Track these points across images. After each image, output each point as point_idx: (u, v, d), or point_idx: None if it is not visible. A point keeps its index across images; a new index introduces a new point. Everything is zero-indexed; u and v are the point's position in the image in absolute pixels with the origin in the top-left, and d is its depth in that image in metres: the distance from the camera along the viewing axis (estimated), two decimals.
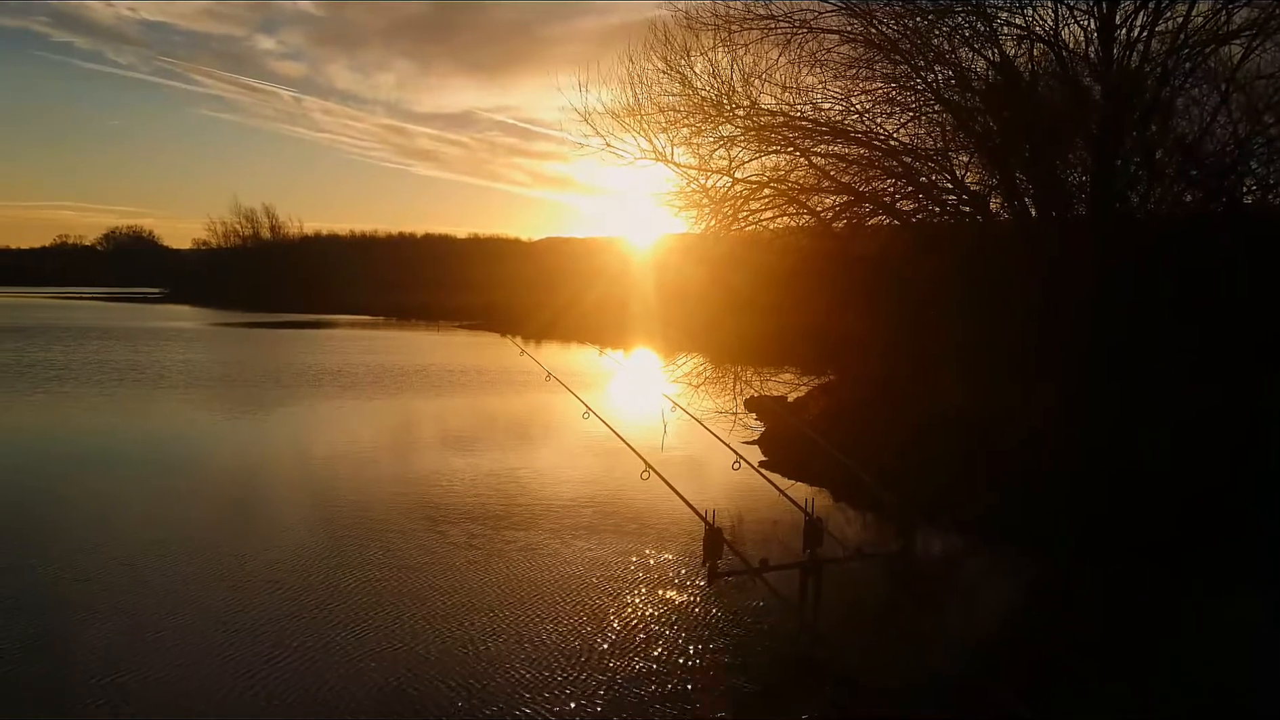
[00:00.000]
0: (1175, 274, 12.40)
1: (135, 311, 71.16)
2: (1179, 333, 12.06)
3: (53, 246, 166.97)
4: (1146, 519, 10.18)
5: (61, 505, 11.89)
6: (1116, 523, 10.29)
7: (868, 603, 7.32)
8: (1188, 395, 11.47)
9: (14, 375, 25.28)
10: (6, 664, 6.92)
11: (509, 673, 6.87)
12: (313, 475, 14.23)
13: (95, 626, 7.68)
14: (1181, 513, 10.13)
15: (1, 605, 8.08)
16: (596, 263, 45.32)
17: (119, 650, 7.18)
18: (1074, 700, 6.57)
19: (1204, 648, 7.84)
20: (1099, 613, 8.61)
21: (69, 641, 7.39)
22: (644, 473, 7.00)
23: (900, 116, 14.36)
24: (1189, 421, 11.20)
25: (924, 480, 11.25)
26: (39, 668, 6.87)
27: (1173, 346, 12.02)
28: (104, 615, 7.94)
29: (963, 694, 6.38)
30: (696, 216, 15.95)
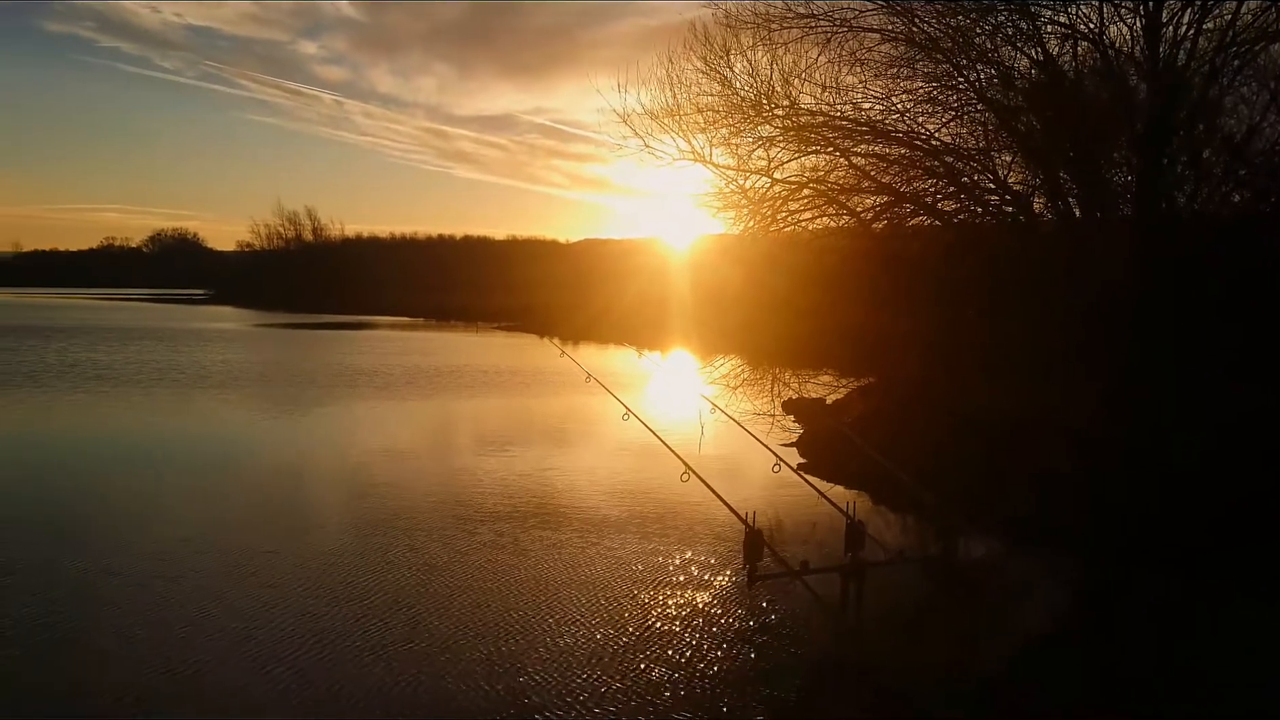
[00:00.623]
0: (1220, 274, 12.18)
1: (180, 313, 72.32)
2: (1223, 333, 11.84)
3: (100, 248, 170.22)
4: (1187, 523, 10.00)
5: (97, 502, 12.09)
6: (1158, 526, 10.12)
7: (909, 607, 7.25)
8: (1229, 397, 11.25)
9: (55, 375, 25.76)
10: (38, 658, 7.03)
11: (544, 672, 6.87)
12: (350, 475, 14.35)
13: (126, 623, 7.77)
14: (1222, 517, 9.94)
15: (36, 600, 8.21)
16: (634, 264, 45.32)
17: (150, 647, 7.25)
18: (1117, 704, 6.46)
19: (1245, 654, 7.68)
20: (1142, 617, 8.47)
21: (99, 636, 7.49)
22: (683, 474, 6.99)
23: (942, 116, 14.23)
24: (1230, 424, 10.99)
25: (964, 482, 11.14)
26: (71, 662, 6.97)
27: (1216, 347, 11.80)
28: (136, 612, 8.03)
29: (1005, 699, 6.30)
30: (735, 217, 15.92)
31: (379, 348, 41.92)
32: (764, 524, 6.11)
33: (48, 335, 41.55)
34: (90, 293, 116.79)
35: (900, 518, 11.57)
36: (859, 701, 6.20)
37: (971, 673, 6.56)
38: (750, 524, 5.91)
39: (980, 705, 6.25)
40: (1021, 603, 8.66)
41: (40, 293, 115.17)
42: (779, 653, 7.26)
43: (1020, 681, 6.57)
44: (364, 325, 61.00)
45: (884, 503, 11.84)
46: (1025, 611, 8.35)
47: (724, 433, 12.15)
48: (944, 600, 7.20)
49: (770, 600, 8.07)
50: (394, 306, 78.15)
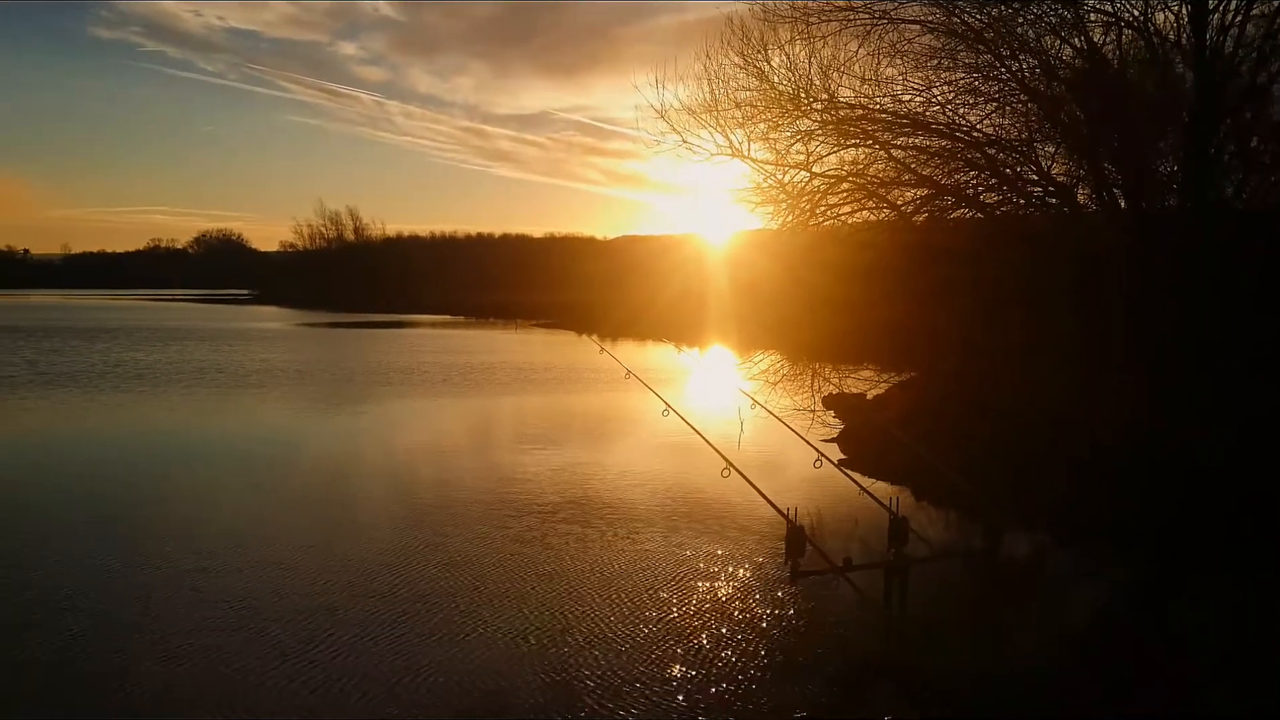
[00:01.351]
0: (1259, 265, 11.95)
1: (226, 313, 73.37)
2: (1257, 326, 11.62)
3: (147, 250, 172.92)
4: (1221, 517, 9.85)
5: (134, 501, 12.27)
6: (1194, 521, 9.97)
7: (954, 603, 7.19)
8: (1260, 391, 11.05)
9: (97, 375, 26.24)
10: (81, 652, 7.16)
11: (586, 667, 6.89)
12: (391, 472, 14.48)
13: (168, 619, 7.88)
14: (1246, 513, 9.78)
15: (77, 597, 8.36)
16: (671, 260, 45.32)
17: (189, 645, 7.35)
18: (1164, 702, 6.37)
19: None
20: (1187, 613, 8.33)
21: (137, 630, 7.61)
22: (724, 470, 6.97)
23: (984, 107, 14.09)
24: (1261, 418, 10.79)
25: (1007, 477, 11.03)
26: (110, 656, 7.09)
27: (1250, 341, 11.59)
28: (177, 608, 8.15)
29: (1051, 697, 6.23)
30: (773, 212, 15.88)
31: (419, 346, 42.24)
32: (805, 520, 6.09)
33: (93, 336, 42.34)
34: (137, 294, 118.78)
35: (943, 513, 11.46)
36: (903, 699, 6.16)
37: (1017, 670, 6.50)
38: (792, 520, 5.88)
39: (1025, 703, 6.18)
40: (1066, 599, 8.57)
41: (88, 294, 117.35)
42: (822, 649, 7.23)
43: (1066, 679, 6.49)
44: (405, 324, 61.48)
45: (926, 498, 11.74)
46: (1070, 608, 8.26)
47: (763, 428, 12.12)
48: (988, 597, 7.13)
49: (813, 596, 8.04)
50: (434, 305, 78.75)
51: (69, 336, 41.49)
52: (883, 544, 6.63)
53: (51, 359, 30.64)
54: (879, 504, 6.63)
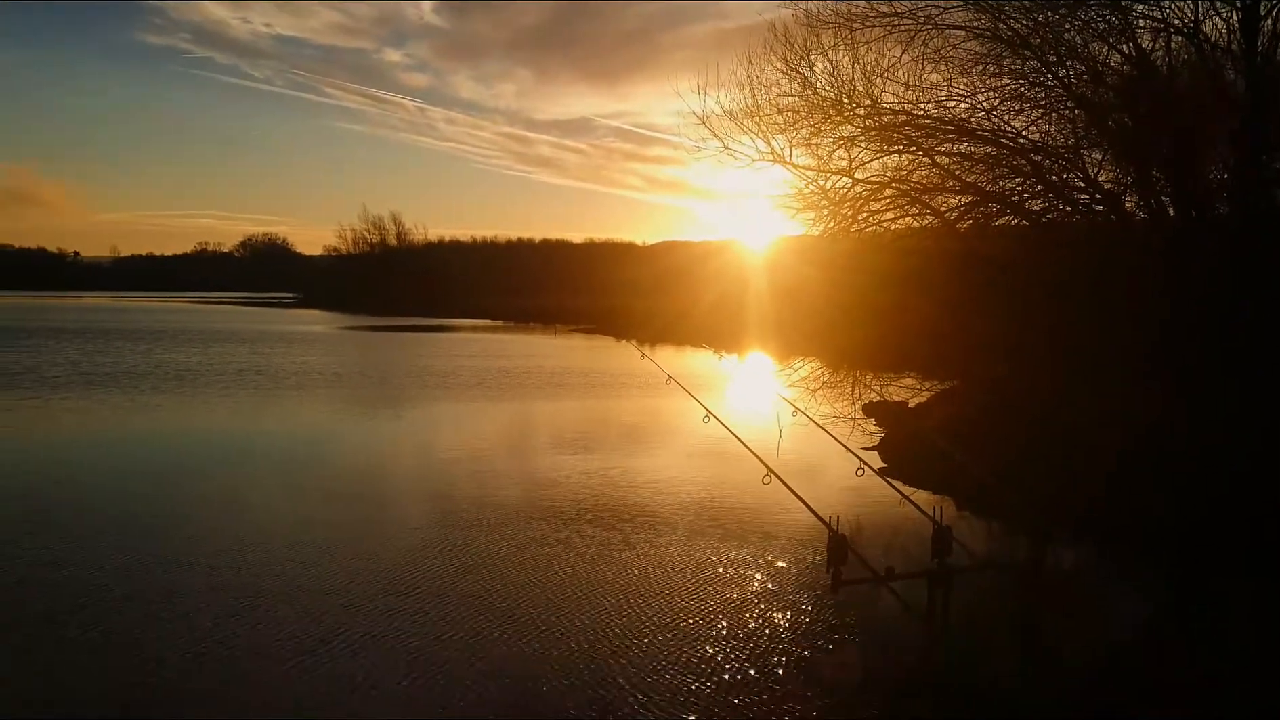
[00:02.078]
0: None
1: (270, 316, 74.35)
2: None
3: (194, 253, 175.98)
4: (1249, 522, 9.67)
5: (167, 498, 12.47)
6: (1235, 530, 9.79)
7: (997, 613, 7.12)
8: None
9: (138, 376, 26.69)
10: (115, 646, 7.28)
11: (625, 672, 6.90)
12: (428, 474, 14.60)
13: (195, 612, 7.99)
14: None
15: (113, 591, 8.51)
16: (711, 266, 45.23)
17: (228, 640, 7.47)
18: (1208, 712, 6.26)
19: None
20: (1231, 622, 8.18)
21: (164, 621, 7.75)
22: (765, 477, 6.95)
23: (1030, 113, 13.92)
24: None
25: (1051, 487, 10.90)
26: (149, 649, 7.20)
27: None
28: (203, 601, 8.28)
29: (1094, 708, 6.15)
30: (815, 218, 15.78)
31: (460, 350, 42.55)
32: (846, 528, 6.05)
33: (136, 338, 43.08)
34: (184, 296, 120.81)
35: (985, 522, 11.36)
36: (946, 709, 6.10)
37: (1059, 681, 6.42)
38: (834, 528, 5.85)
39: (1068, 715, 6.10)
40: (1108, 608, 8.46)
41: (137, 296, 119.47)
42: (864, 658, 7.19)
43: (1109, 689, 6.40)
44: (445, 328, 61.95)
45: (968, 507, 11.64)
46: (1112, 617, 8.14)
47: (803, 435, 12.07)
48: (1031, 606, 7.04)
49: (854, 605, 7.99)
50: (475, 309, 79.31)
51: (114, 338, 42.29)
52: (925, 553, 6.57)
53: (94, 360, 31.28)
54: (921, 513, 6.58)
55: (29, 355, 32.03)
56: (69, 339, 40.91)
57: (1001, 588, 7.01)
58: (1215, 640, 7.68)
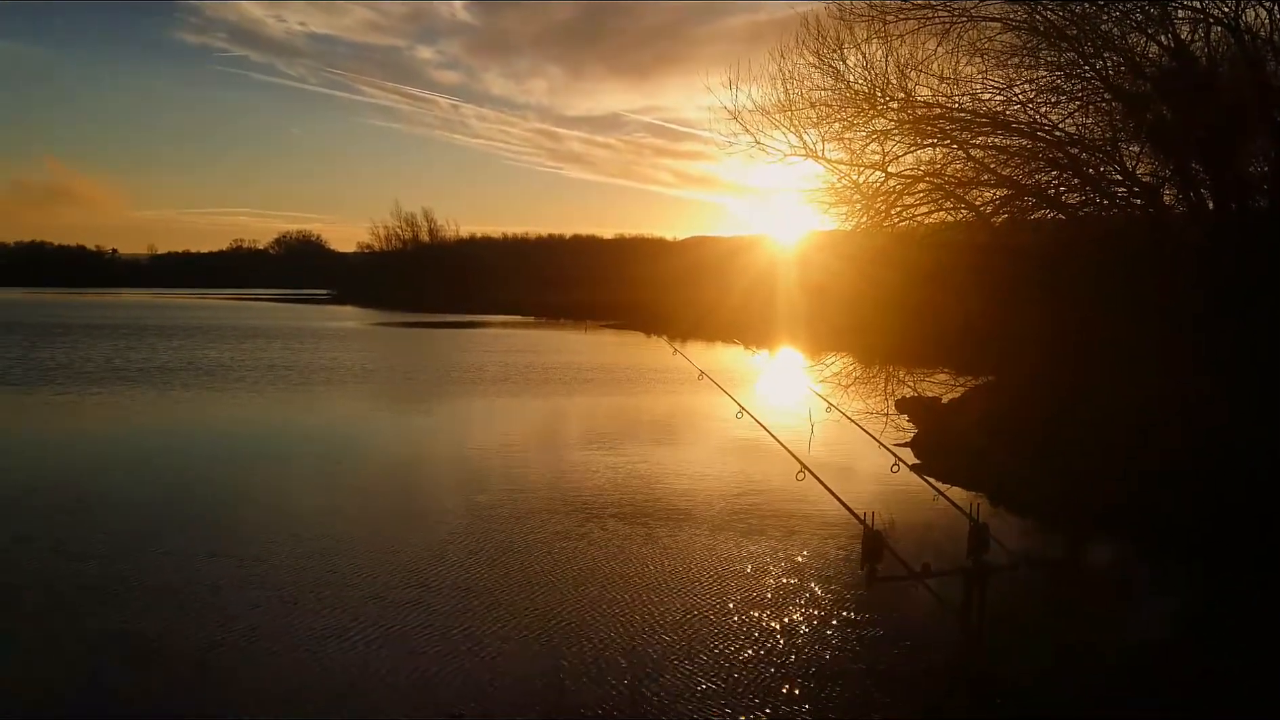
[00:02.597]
0: None
1: (305, 312, 74.98)
2: None
3: (229, 250, 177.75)
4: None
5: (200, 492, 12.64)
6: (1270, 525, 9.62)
7: (1035, 611, 7.04)
8: None
9: (170, 371, 27.01)
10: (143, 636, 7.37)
11: (659, 666, 6.90)
12: (459, 469, 14.68)
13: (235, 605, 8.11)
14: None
15: (157, 584, 8.62)
16: (741, 261, 45.12)
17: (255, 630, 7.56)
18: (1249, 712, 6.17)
19: None
20: (1273, 619, 8.05)
21: (198, 609, 7.87)
22: (799, 474, 6.89)
23: (1066, 106, 13.77)
24: None
25: (1088, 483, 10.77)
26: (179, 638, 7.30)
27: None
28: (241, 597, 8.37)
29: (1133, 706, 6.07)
30: (847, 213, 15.70)
31: (491, 345, 42.72)
32: (881, 525, 5.99)
33: (170, 334, 43.58)
34: (220, 293, 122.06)
35: (1022, 519, 11.25)
36: (983, 707, 6.04)
37: (1096, 681, 6.34)
38: (869, 525, 5.80)
39: (1107, 712, 6.03)
40: (1147, 607, 8.35)
41: (174, 293, 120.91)
42: (899, 656, 7.15)
43: (1148, 688, 6.32)
44: (477, 324, 62.22)
45: (1004, 504, 11.53)
46: (1151, 616, 8.04)
47: (834, 431, 12.02)
48: (1069, 605, 6.97)
49: (889, 603, 7.94)
50: (505, 305, 79.57)
51: (148, 335, 42.86)
52: (960, 550, 6.50)
53: (127, 355, 31.79)
54: (958, 509, 6.49)
55: (64, 351, 32.52)
56: (105, 335, 41.50)
57: (1038, 585, 6.93)
58: (1254, 637, 7.56)
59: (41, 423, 18.42)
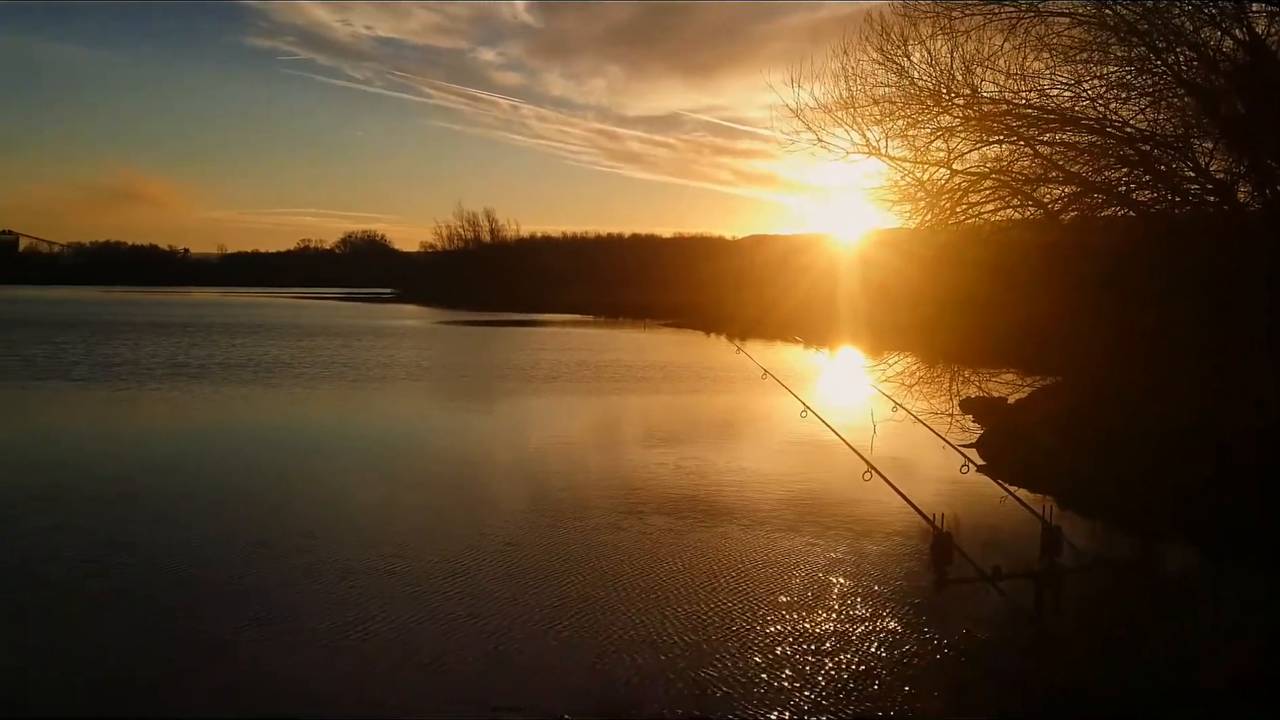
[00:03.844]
0: None
1: (369, 311, 76.20)
2: None
3: (296, 250, 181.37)
4: None
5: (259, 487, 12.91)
6: None
7: (1107, 616, 6.96)
8: None
9: (231, 368, 27.61)
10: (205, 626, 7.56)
11: (722, 667, 6.93)
12: (518, 465, 14.87)
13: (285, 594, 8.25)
14: None
15: (217, 579, 8.81)
16: (801, 260, 44.90)
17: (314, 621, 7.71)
18: None
19: None
20: None
21: (249, 598, 8.07)
22: (866, 474, 6.91)
23: (1137, 101, 13.51)
24: None
25: (1161, 486, 10.59)
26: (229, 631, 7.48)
27: None
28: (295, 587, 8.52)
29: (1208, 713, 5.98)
30: (911, 211, 15.59)
31: (550, 344, 43.03)
32: (949, 526, 5.98)
33: (234, 331, 44.59)
34: (287, 291, 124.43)
35: (1092, 522, 11.09)
36: (1054, 712, 6.01)
37: (1171, 687, 6.26)
38: (939, 526, 5.81)
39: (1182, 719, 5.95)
40: (1220, 611, 8.19)
41: (243, 291, 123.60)
42: (970, 659, 7.11)
43: (1224, 695, 6.22)
44: (537, 323, 62.66)
45: (1073, 506, 11.35)
46: (1227, 622, 7.88)
47: (897, 431, 11.94)
48: (1142, 609, 6.88)
49: (958, 605, 7.90)
50: (565, 304, 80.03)
51: (213, 332, 43.95)
52: (1030, 552, 6.47)
53: (190, 352, 32.65)
54: (1030, 511, 6.47)
55: (129, 348, 33.49)
56: (170, 333, 42.65)
57: (1111, 589, 6.85)
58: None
59: (99, 417, 19.02)
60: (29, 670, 6.82)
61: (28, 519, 10.83)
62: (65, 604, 8.15)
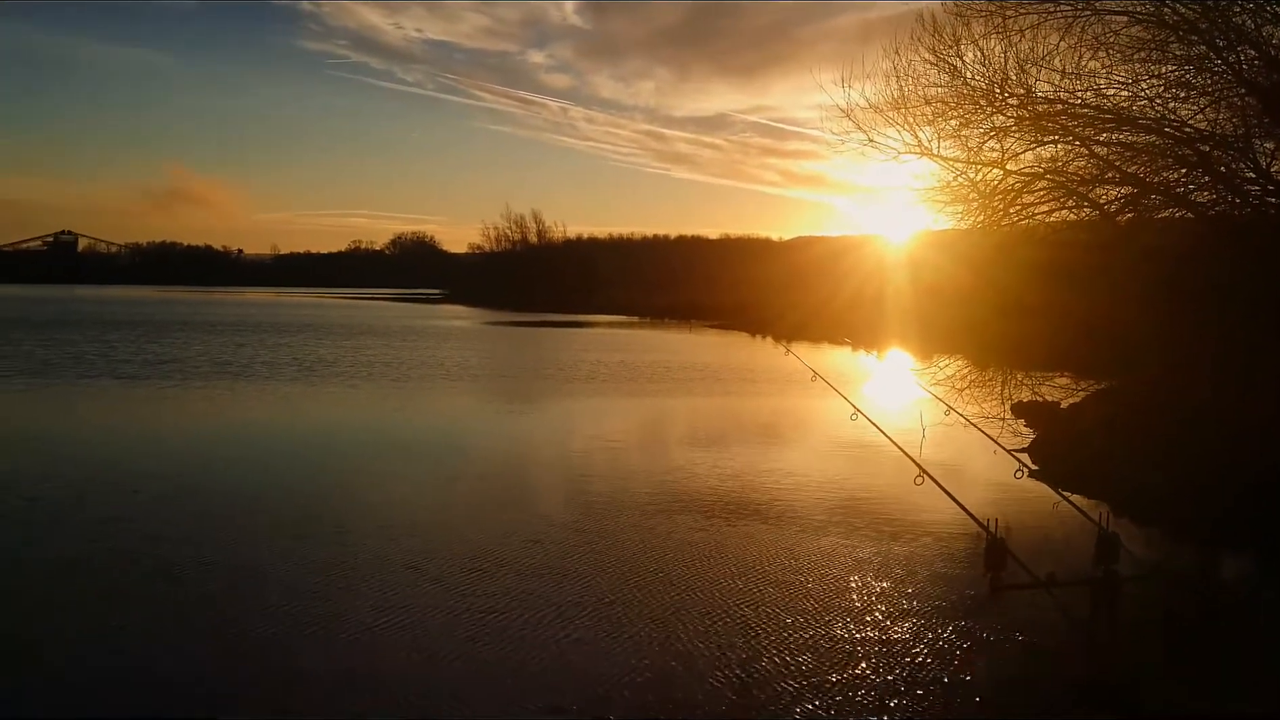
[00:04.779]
0: None
1: (416, 311, 76.97)
2: None
3: (347, 251, 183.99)
4: None
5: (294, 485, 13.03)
6: None
7: (1165, 625, 6.83)
8: None
9: (276, 367, 28.00)
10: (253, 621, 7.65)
11: (770, 671, 6.90)
12: (571, 465, 14.87)
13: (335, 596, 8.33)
14: None
15: (270, 577, 8.90)
16: (849, 261, 44.60)
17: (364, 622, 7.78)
18: None
19: None
20: None
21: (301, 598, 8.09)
22: (917, 478, 6.83)
23: (1196, 101, 13.23)
24: None
25: (1222, 493, 10.38)
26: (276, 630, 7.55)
27: None
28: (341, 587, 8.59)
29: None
30: (963, 211, 15.42)
31: (597, 345, 43.15)
32: (1002, 532, 5.90)
33: (281, 331, 45.27)
34: (339, 292, 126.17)
35: (1149, 529, 10.89)
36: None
37: (1234, 697, 6.12)
38: (992, 532, 5.72)
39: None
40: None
41: (295, 291, 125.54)
42: (1024, 667, 7.02)
43: None
44: (584, 324, 62.88)
45: (1129, 513, 11.16)
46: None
47: (947, 435, 11.80)
48: (1203, 619, 6.73)
49: (1011, 612, 7.80)
50: (611, 305, 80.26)
51: (261, 332, 44.81)
52: (1084, 559, 6.35)
53: (236, 352, 33.28)
54: (1086, 517, 6.35)
55: (177, 347, 34.24)
56: (219, 332, 43.59)
57: (1170, 598, 6.71)
58: None
59: (139, 414, 19.42)
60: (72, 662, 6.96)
61: (75, 512, 11.08)
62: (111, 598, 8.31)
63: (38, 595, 8.40)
